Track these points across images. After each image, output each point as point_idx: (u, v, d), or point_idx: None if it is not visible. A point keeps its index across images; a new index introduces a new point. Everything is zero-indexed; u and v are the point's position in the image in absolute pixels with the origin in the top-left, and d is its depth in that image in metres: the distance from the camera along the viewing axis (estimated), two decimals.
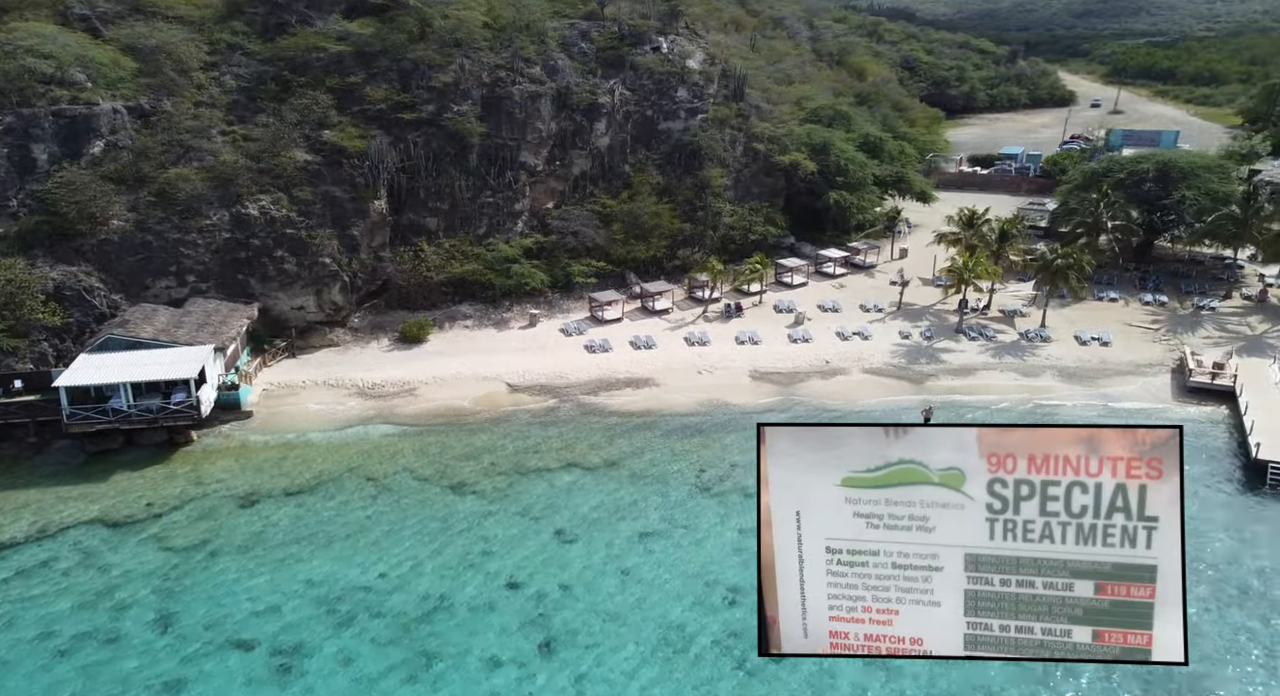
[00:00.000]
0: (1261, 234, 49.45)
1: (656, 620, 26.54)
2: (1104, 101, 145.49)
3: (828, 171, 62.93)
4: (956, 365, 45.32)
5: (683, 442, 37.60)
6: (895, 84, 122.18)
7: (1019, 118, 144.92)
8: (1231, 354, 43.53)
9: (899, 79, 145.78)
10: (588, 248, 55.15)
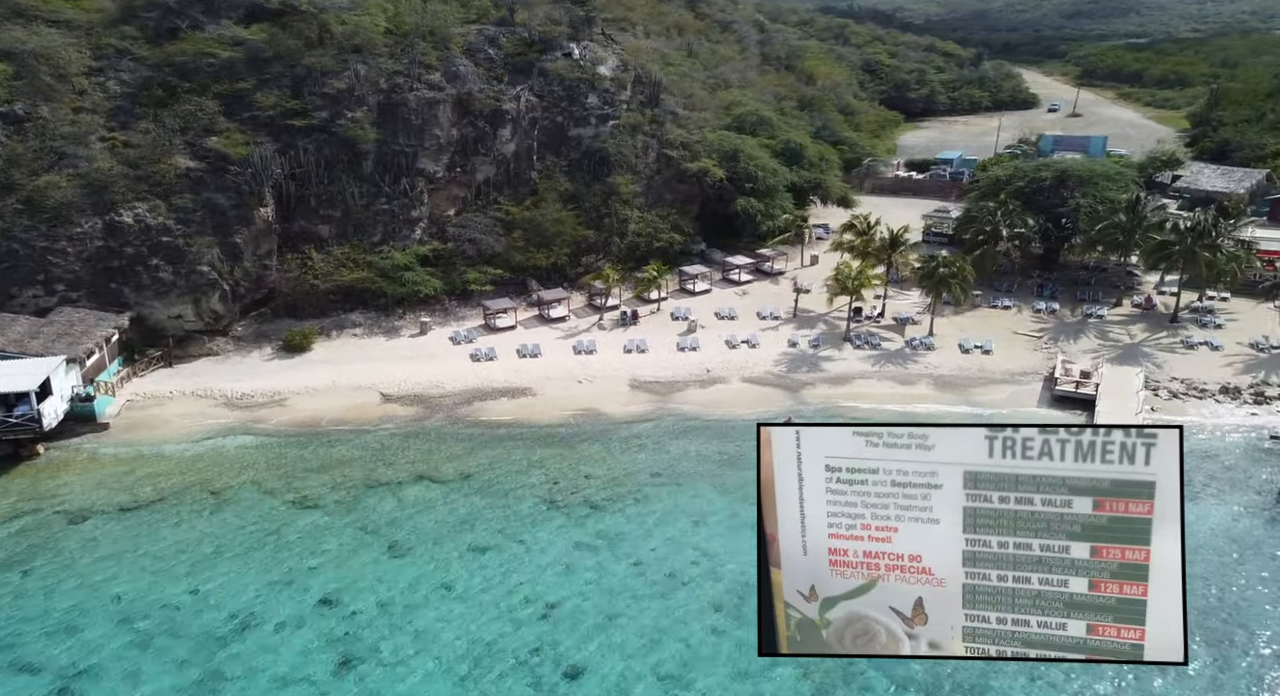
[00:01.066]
0: (1145, 242, 50.13)
1: (465, 636, 26.49)
2: (1066, 104, 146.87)
3: (737, 178, 63.18)
4: (836, 373, 45.62)
5: (543, 454, 37.56)
6: (845, 87, 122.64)
7: (978, 121, 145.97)
8: (1099, 362, 44.14)
9: (860, 82, 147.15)
10: (487, 255, 55.04)
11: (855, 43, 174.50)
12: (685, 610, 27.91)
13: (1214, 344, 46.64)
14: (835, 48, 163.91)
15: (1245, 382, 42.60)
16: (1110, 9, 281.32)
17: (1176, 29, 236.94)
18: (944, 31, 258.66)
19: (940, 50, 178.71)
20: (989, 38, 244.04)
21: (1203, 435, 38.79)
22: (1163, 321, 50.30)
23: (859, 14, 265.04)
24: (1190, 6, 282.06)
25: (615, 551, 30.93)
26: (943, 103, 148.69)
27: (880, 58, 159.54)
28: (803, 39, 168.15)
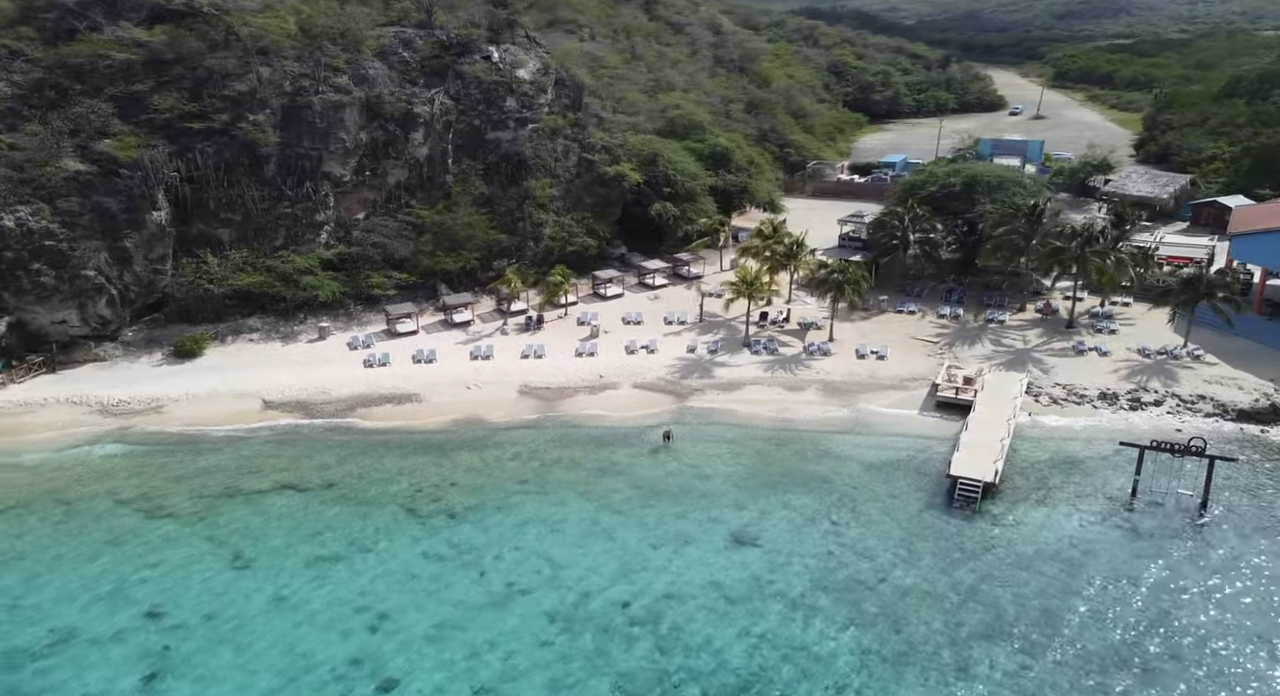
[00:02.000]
0: (1043, 246, 50.51)
1: (286, 648, 26.28)
2: (1032, 106, 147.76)
3: (656, 182, 63.19)
4: (728, 379, 45.68)
5: (415, 461, 37.34)
6: (799, 90, 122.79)
7: (944, 122, 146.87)
8: (983, 368, 44.45)
9: (825, 84, 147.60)
10: (394, 259, 54.69)
11: (824, 44, 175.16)
12: (518, 621, 27.80)
13: (1103, 350, 47.08)
14: (803, 49, 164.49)
15: (1125, 389, 43.02)
16: (1101, 10, 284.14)
17: (1165, 30, 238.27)
18: (934, 31, 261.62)
19: (908, 52, 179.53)
20: (973, 38, 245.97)
21: (1076, 442, 39.14)
22: (1060, 327, 50.78)
23: (841, 15, 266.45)
24: (1181, 7, 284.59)
25: (462, 561, 30.78)
26: (907, 105, 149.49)
27: (847, 60, 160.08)
28: (771, 41, 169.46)
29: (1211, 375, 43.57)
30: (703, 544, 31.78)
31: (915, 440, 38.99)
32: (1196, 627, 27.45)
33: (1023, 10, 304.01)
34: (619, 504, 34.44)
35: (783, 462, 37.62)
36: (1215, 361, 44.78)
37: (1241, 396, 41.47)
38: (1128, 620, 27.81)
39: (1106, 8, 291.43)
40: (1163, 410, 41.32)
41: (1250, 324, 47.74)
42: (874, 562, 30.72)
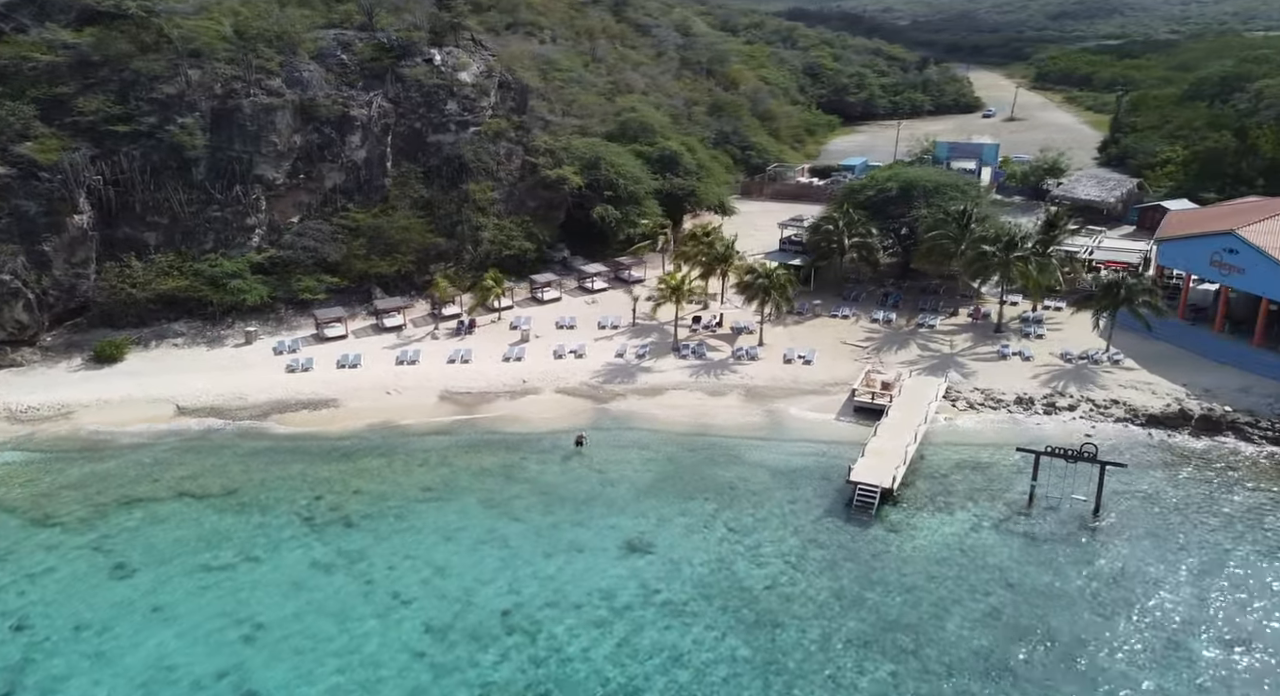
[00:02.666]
0: (971, 249, 50.56)
1: (151, 662, 25.96)
2: (1005, 108, 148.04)
3: (598, 185, 63.04)
4: (651, 385, 45.55)
5: (321, 469, 37.03)
6: (767, 92, 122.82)
7: (916, 124, 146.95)
8: (903, 373, 44.45)
9: (800, 86, 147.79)
10: (328, 263, 54.35)
11: (802, 46, 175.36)
12: (395, 632, 27.57)
13: (1026, 354, 47.17)
14: (779, 51, 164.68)
15: (1041, 394, 43.11)
16: (1094, 10, 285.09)
17: (1155, 31, 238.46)
18: (927, 32, 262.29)
19: (886, 54, 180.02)
20: (962, 39, 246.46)
21: (987, 447, 39.14)
22: (989, 331, 50.87)
23: (828, 16, 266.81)
24: (1174, 8, 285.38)
25: (351, 571, 30.52)
26: (882, 106, 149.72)
27: (823, 61, 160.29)
28: (750, 43, 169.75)
29: (1128, 380, 43.70)
30: (596, 551, 31.62)
31: (827, 445, 38.93)
32: (1068, 634, 27.38)
33: (1017, 11, 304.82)
34: (520, 511, 34.24)
35: (692, 468, 37.52)
36: (1134, 366, 44.92)
37: (1154, 401, 41.60)
38: (1002, 627, 27.76)
39: (1100, 8, 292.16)
40: (1076, 415, 41.43)
41: (1174, 328, 47.94)
42: (764, 570, 30.63)
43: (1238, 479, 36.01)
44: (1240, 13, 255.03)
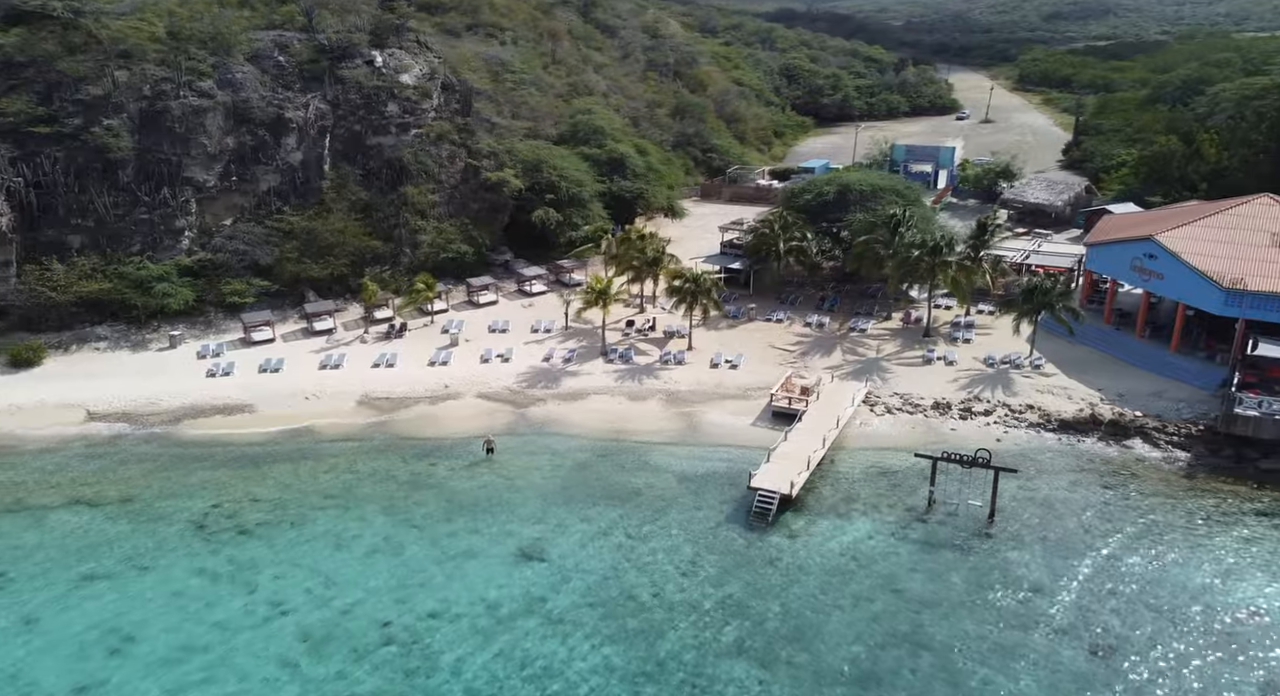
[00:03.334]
0: (899, 254, 50.54)
1: (9, 677, 25.53)
2: (981, 110, 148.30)
3: (540, 188, 62.78)
4: (573, 389, 45.34)
5: (224, 475, 36.65)
6: (735, 94, 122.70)
7: (891, 126, 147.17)
8: (823, 377, 44.37)
9: (776, 87, 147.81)
10: (260, 266, 53.90)
11: (780, 47, 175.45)
12: (270, 643, 27.24)
13: (950, 359, 47.17)
14: (756, 53, 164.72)
15: (960, 398, 43.10)
16: (1088, 11, 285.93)
17: (1147, 32, 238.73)
18: (921, 32, 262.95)
19: (864, 56, 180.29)
20: (951, 40, 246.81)
21: (898, 452, 39.06)
22: (919, 335, 50.87)
23: (816, 16, 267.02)
24: (1168, 9, 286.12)
25: (237, 580, 30.18)
26: (858, 108, 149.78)
27: (799, 63, 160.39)
28: (728, 44, 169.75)
29: (1046, 385, 43.75)
30: (489, 559, 31.39)
31: (738, 451, 38.81)
32: (942, 641, 27.28)
33: (1011, 11, 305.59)
34: (419, 519, 33.98)
35: (600, 474, 37.32)
36: (1054, 371, 44.94)
37: (1068, 406, 41.66)
38: (879, 634, 27.66)
39: (1094, 9, 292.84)
40: (991, 419, 41.45)
41: (1098, 333, 48.06)
42: (653, 577, 30.45)
43: (1137, 485, 36.02)
44: (1233, 14, 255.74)
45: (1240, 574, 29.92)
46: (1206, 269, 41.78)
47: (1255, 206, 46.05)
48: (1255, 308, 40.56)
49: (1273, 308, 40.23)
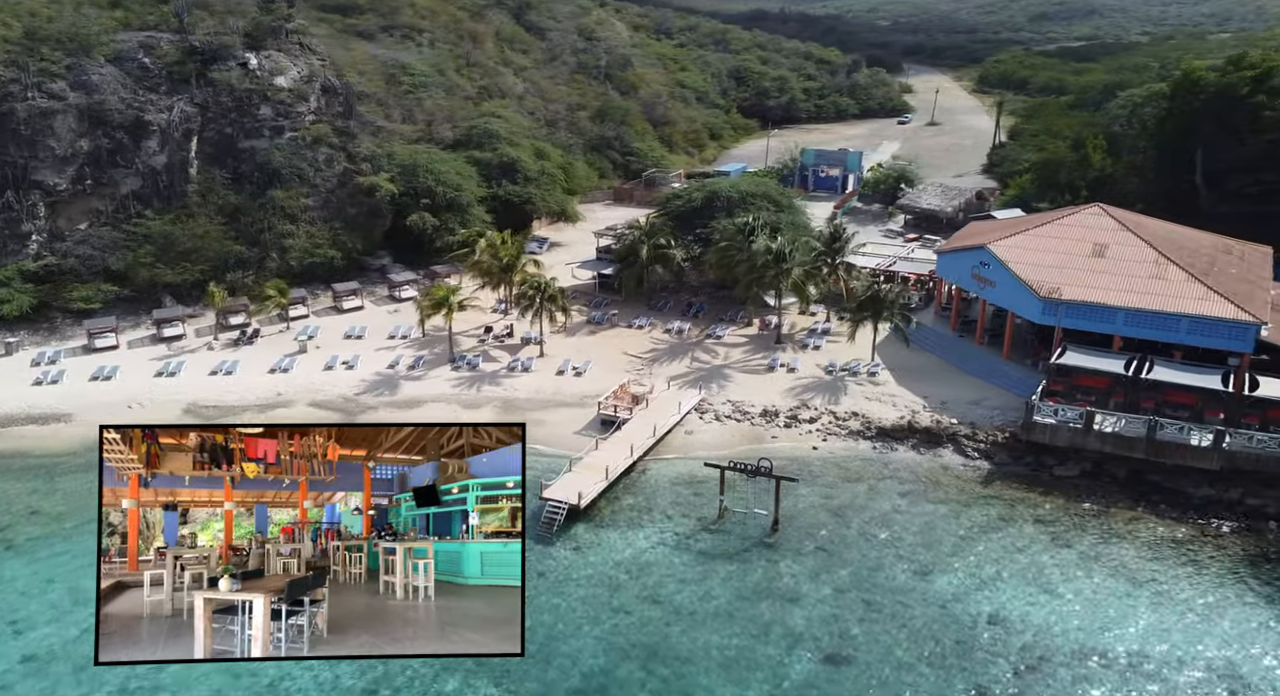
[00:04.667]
0: (747, 261, 50.80)
1: None
2: (938, 113, 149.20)
3: (416, 192, 62.39)
4: (410, 396, 45.08)
5: (11, 487, 36.05)
6: (668, 97, 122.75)
7: (835, 129, 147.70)
8: (654, 385, 44.39)
9: (723, 89, 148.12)
10: (112, 271, 53.11)
11: (734, 49, 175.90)
12: None
13: (792, 366, 47.39)
14: (705, 54, 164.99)
15: (789, 406, 43.31)
16: (1074, 12, 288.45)
17: (1128, 33, 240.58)
18: (905, 32, 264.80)
19: (817, 58, 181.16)
20: (925, 41, 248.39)
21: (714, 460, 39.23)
22: (771, 342, 51.05)
23: (788, 18, 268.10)
24: (1153, 9, 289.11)
25: None
26: (804, 110, 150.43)
27: (750, 65, 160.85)
28: (681, 46, 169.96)
29: (875, 392, 44.06)
30: None
31: (551, 460, 38.70)
32: (682, 653, 27.22)
33: (999, 12, 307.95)
34: None
35: None
36: (888, 379, 45.25)
37: (890, 414, 41.97)
38: (622, 647, 27.60)
39: (1079, 10, 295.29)
40: (814, 427, 41.68)
41: (941, 340, 48.54)
42: None
43: (933, 493, 36.32)
44: (1217, 14, 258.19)
45: (994, 584, 30.23)
46: (1028, 277, 42.29)
47: (1085, 216, 46.70)
48: (1070, 316, 41.11)
49: (1086, 316, 40.80)
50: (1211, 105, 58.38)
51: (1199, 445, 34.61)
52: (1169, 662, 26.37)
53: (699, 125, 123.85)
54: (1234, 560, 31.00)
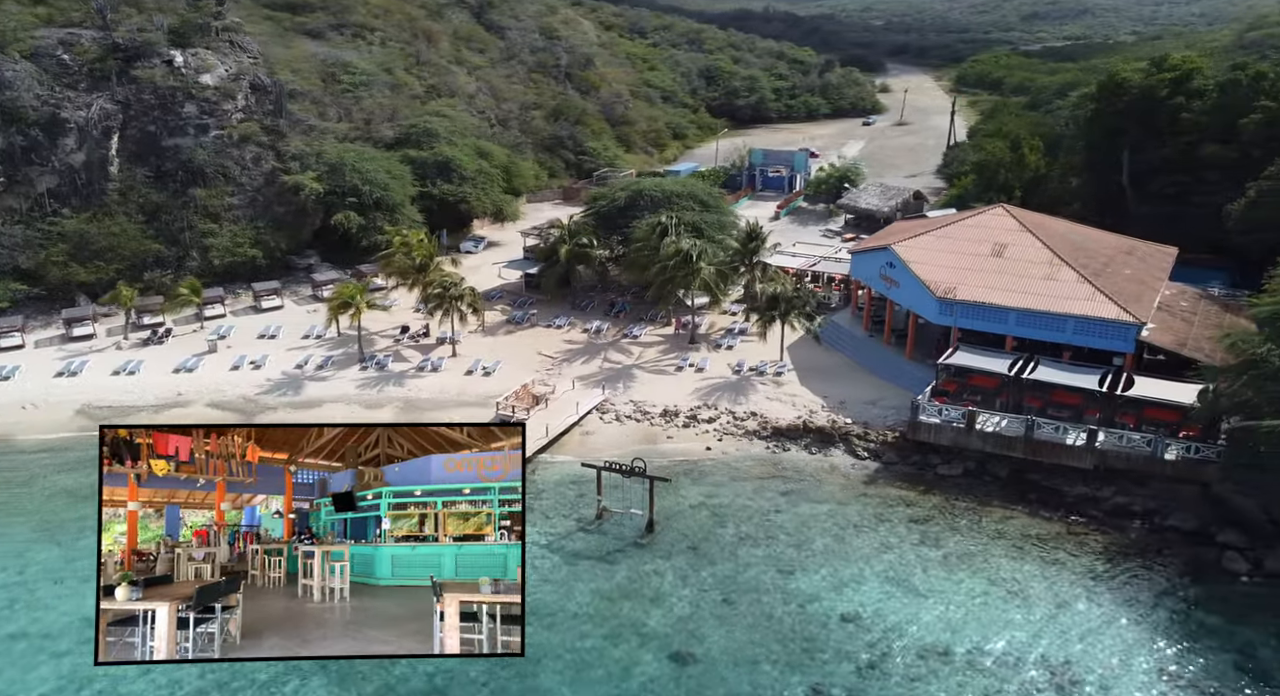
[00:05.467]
0: (657, 261, 50.89)
1: None
2: (911, 113, 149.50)
3: (342, 191, 62.15)
4: (311, 397, 44.92)
5: None
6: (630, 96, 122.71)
7: (804, 129, 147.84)
8: (555, 386, 44.41)
9: (693, 89, 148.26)
10: (22, 270, 52.71)
11: (708, 49, 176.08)
12: None
13: (700, 366, 47.46)
14: (676, 54, 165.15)
15: (690, 406, 43.34)
16: (1065, 12, 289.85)
17: (1118, 32, 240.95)
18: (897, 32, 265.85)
19: (790, 57, 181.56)
20: (912, 41, 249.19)
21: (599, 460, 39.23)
22: (685, 342, 51.12)
23: (771, 18, 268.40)
24: (1145, 9, 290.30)
25: None
26: (774, 110, 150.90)
27: (720, 64, 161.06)
28: (655, 46, 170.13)
29: (778, 392, 44.20)
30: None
31: None
32: (532, 653, 27.04)
33: (991, 11, 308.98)
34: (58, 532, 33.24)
35: None
36: (792, 379, 45.47)
37: (788, 414, 42.09)
38: None
39: (1071, 10, 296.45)
40: (712, 427, 41.74)
41: (851, 341, 48.77)
42: None
43: (816, 492, 36.41)
44: (1207, 14, 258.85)
45: (855, 583, 30.34)
46: (926, 277, 42.55)
47: (988, 216, 47.01)
48: (965, 316, 41.38)
49: (980, 317, 41.08)
50: (1134, 107, 58.93)
51: (1074, 444, 34.95)
52: (1006, 660, 26.58)
53: (661, 124, 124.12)
54: (1093, 558, 31.28)
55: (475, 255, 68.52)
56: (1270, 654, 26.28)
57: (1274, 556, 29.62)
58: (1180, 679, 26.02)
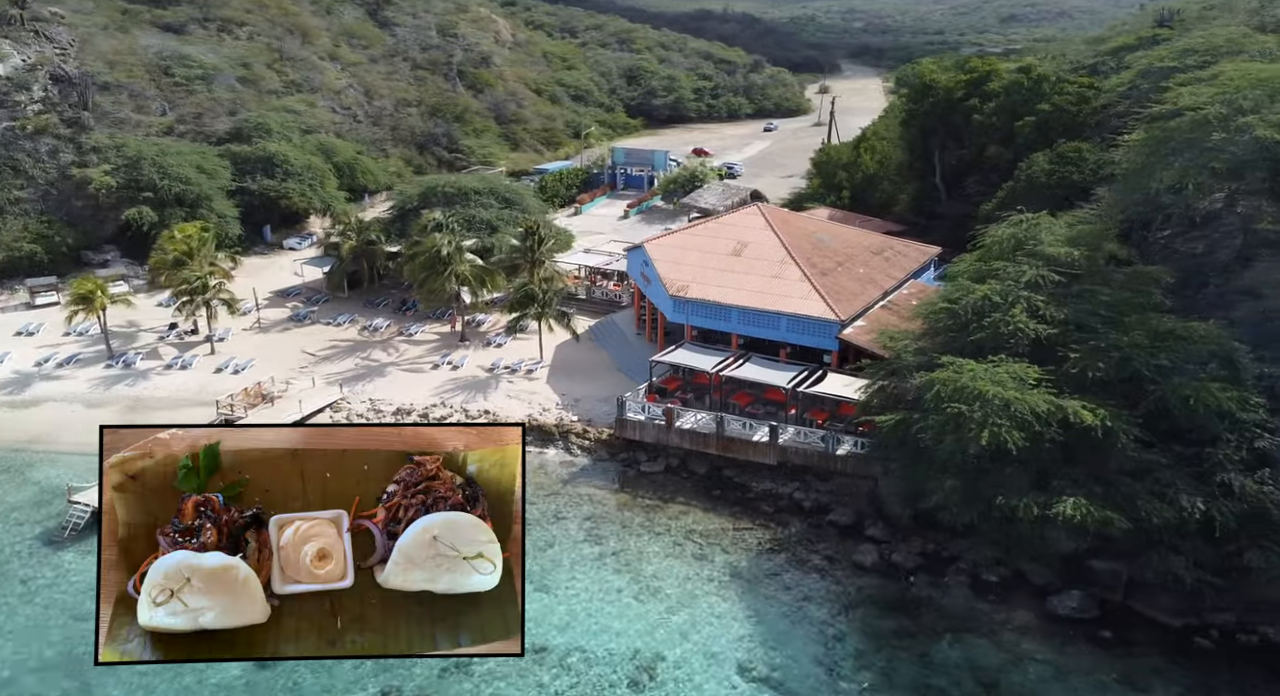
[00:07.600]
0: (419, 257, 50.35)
1: None
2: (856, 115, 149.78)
3: (138, 185, 60.75)
4: (38, 395, 43.64)
5: None
6: (524, 95, 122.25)
7: (719, 129, 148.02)
8: (288, 384, 43.67)
9: (613, 88, 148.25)
10: None
11: (636, 48, 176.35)
12: None
13: (457, 364, 46.89)
14: (601, 53, 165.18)
15: (427, 404, 42.80)
16: (1043, 14, 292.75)
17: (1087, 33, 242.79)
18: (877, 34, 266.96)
19: (717, 57, 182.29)
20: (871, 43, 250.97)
21: None
22: (456, 340, 50.50)
23: (728, 18, 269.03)
24: (1120, 11, 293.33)
25: None
26: (693, 110, 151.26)
27: (645, 64, 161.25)
28: (584, 45, 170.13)
29: (520, 391, 43.71)
30: None
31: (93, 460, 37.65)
32: None
33: (970, 14, 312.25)
34: None
35: None
36: (541, 377, 45.14)
37: (519, 411, 41.64)
38: None
39: (1049, 12, 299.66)
40: None
41: (618, 339, 48.59)
42: None
43: None
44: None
45: None
46: (665, 275, 42.47)
47: (741, 215, 47.25)
48: (695, 314, 41.35)
49: (708, 314, 41.06)
50: (937, 108, 59.75)
51: (759, 441, 34.94)
52: (595, 657, 26.29)
53: (558, 124, 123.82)
54: (744, 554, 31.18)
55: (298, 251, 67.44)
56: (851, 647, 26.26)
57: (903, 549, 29.73)
58: (758, 670, 25.72)
